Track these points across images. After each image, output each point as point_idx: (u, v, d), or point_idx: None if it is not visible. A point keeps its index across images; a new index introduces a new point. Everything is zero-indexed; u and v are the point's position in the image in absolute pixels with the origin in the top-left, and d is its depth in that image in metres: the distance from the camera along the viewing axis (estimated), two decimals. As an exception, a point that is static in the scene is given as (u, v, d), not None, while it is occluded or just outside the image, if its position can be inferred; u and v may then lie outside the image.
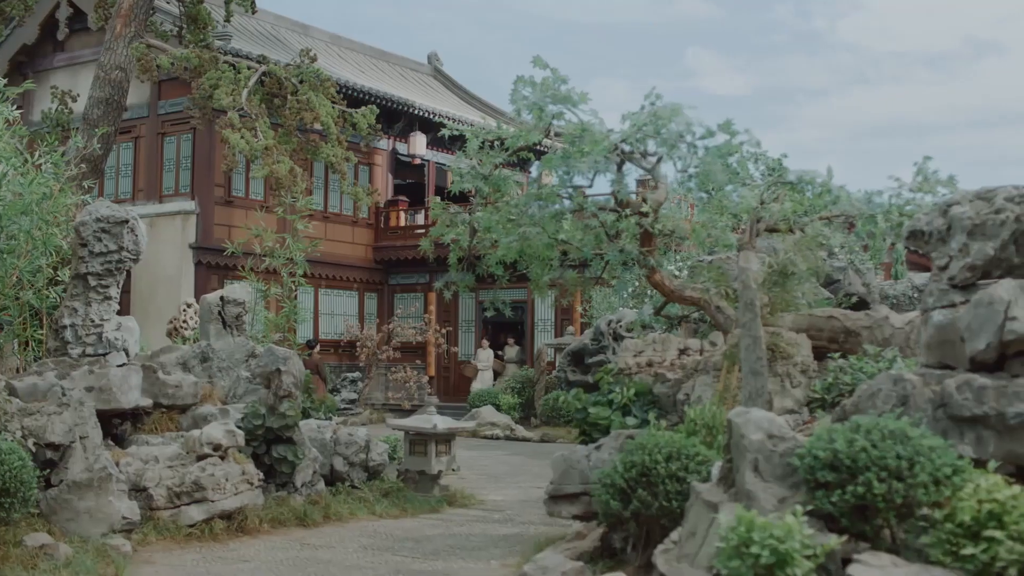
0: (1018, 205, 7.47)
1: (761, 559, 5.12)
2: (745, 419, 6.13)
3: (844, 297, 14.05)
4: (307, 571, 8.15)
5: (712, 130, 9.77)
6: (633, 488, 7.01)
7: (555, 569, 7.01)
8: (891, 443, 5.70)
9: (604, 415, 9.77)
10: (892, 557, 5.50)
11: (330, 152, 17.71)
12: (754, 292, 7.58)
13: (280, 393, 10.38)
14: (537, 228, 9.86)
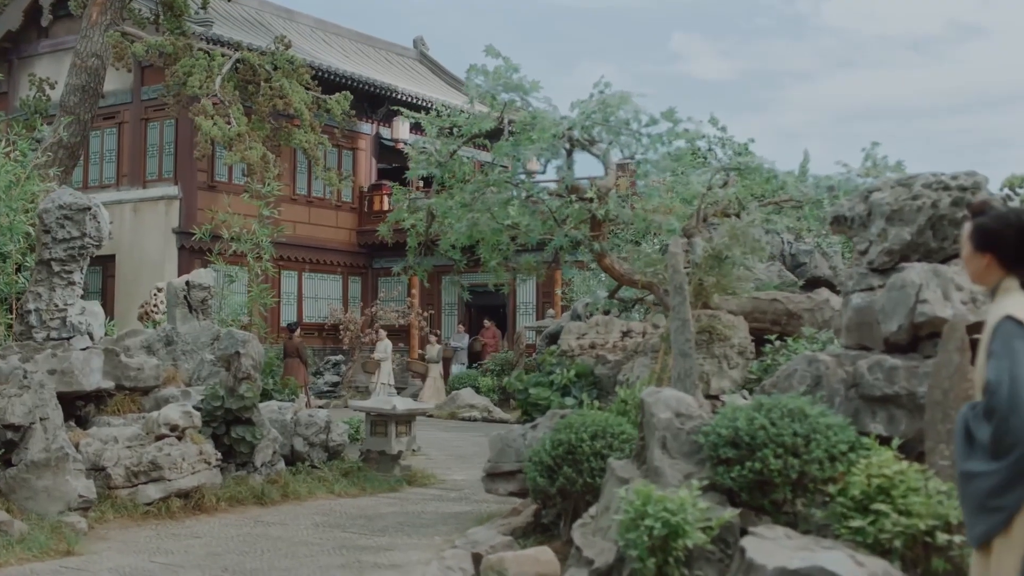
0: (935, 192, 7.72)
1: (654, 531, 5.40)
2: (655, 398, 6.40)
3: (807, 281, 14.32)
4: (256, 547, 8.43)
5: (656, 118, 10.00)
6: (559, 465, 7.29)
7: (484, 543, 7.30)
8: (788, 421, 5.97)
9: (544, 395, 10.06)
10: (786, 530, 5.77)
11: (303, 138, 17.94)
12: (682, 276, 7.83)
13: (239, 375, 10.64)
14: (487, 214, 10.11)
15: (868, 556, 5.46)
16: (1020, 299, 3.50)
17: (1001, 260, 3.56)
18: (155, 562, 7.78)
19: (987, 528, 3.51)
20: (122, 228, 24.81)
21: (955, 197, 7.66)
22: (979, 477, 3.48)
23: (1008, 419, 3.35)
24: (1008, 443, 3.36)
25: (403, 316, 26.26)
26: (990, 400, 3.47)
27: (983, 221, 3.74)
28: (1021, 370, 3.37)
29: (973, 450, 3.51)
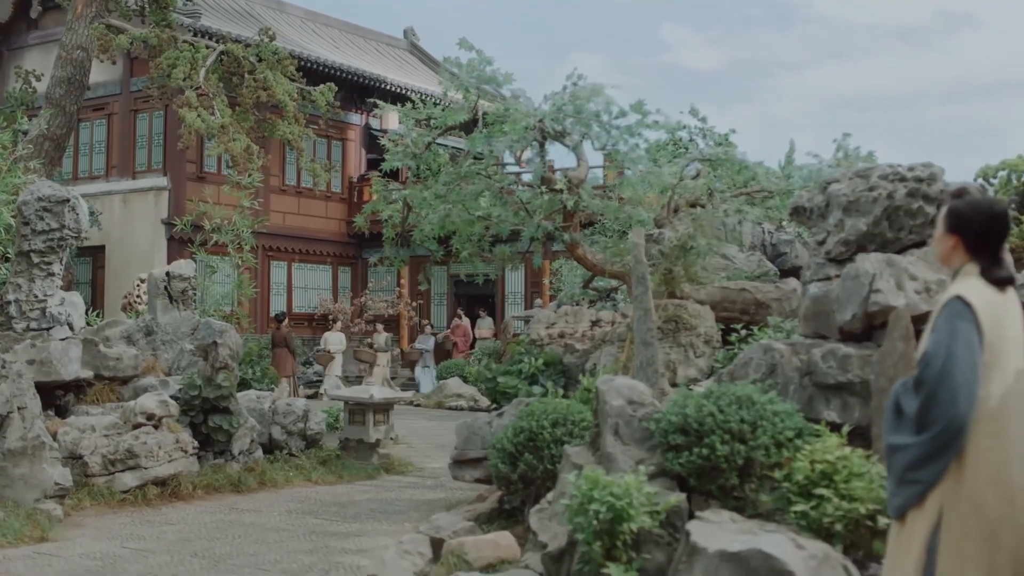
0: (891, 183, 7.85)
1: (600, 515, 5.54)
2: (608, 386, 6.54)
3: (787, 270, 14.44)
4: (227, 533, 8.58)
5: (624, 110, 10.13)
6: (520, 452, 7.43)
7: (447, 528, 7.44)
8: (736, 408, 6.11)
9: (512, 384, 10.21)
10: (732, 514, 5.91)
11: (287, 129, 18.07)
12: (644, 266, 7.96)
13: (216, 365, 10.78)
14: (459, 205, 10.24)
15: (810, 539, 5.60)
16: (975, 284, 3.63)
17: (966, 244, 3.68)
18: (126, 548, 7.92)
19: (903, 501, 3.65)
20: (112, 219, 24.95)
21: (911, 188, 7.79)
22: (902, 450, 3.61)
23: (936, 392, 3.48)
24: (932, 417, 3.49)
25: (392, 306, 26.40)
26: (922, 371, 3.60)
27: (956, 204, 3.88)
28: (958, 348, 3.50)
29: (901, 423, 3.64)
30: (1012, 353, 3.64)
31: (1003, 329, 3.61)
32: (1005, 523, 3.54)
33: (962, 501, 3.53)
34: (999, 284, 3.66)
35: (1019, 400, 3.64)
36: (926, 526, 3.58)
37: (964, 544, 3.52)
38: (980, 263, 3.67)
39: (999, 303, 3.63)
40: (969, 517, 3.53)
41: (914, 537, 3.62)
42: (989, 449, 3.55)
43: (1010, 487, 3.56)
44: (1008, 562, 3.54)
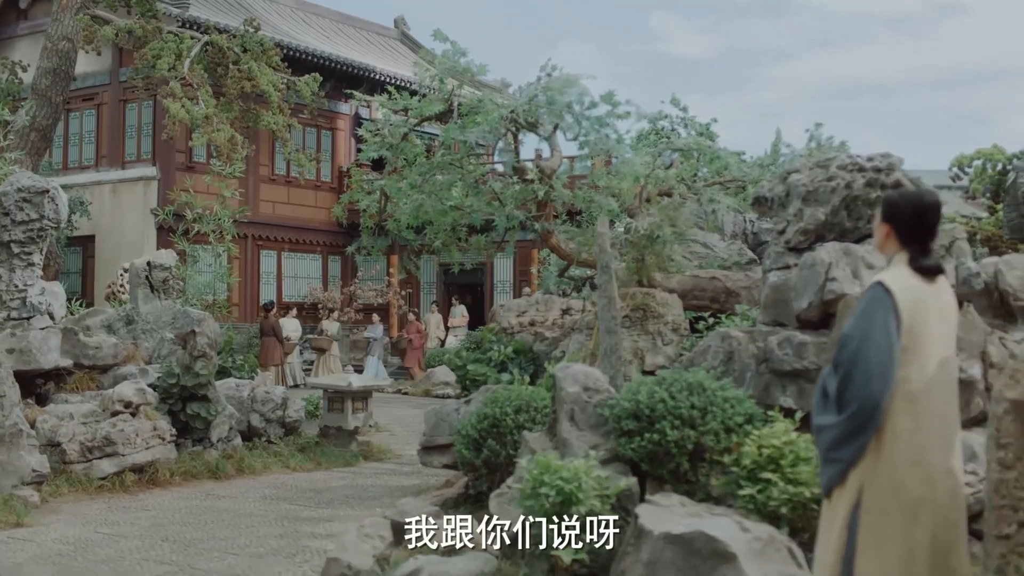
0: (849, 173, 7.97)
1: (550, 498, 5.67)
2: (565, 373, 6.67)
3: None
4: (201, 518, 8.73)
5: (596, 101, 10.25)
6: (484, 438, 7.57)
7: (412, 513, 7.57)
8: (687, 394, 6.24)
9: (482, 372, 10.36)
10: (682, 498, 6.05)
11: (272, 120, 18.17)
12: (608, 255, 8.08)
13: (195, 353, 10.91)
14: (433, 196, 10.37)
15: (756, 522, 5.74)
16: (901, 271, 3.78)
17: (897, 233, 3.83)
18: (100, 533, 8.07)
19: (827, 479, 3.81)
20: (101, 209, 25.04)
21: (869, 178, 7.91)
22: (826, 430, 3.76)
23: (851, 373, 3.62)
24: (848, 397, 3.64)
25: (381, 295, 26.52)
26: (839, 353, 3.75)
27: (890, 195, 4.05)
28: (873, 331, 3.64)
29: (825, 405, 3.79)
30: (935, 340, 3.77)
31: (925, 316, 3.73)
32: (925, 503, 3.68)
33: (882, 480, 3.67)
34: (927, 273, 3.79)
35: (940, 386, 3.78)
36: (848, 503, 3.72)
37: (884, 522, 3.66)
38: (910, 252, 3.81)
39: (924, 291, 3.76)
40: (889, 496, 3.67)
41: (837, 514, 3.77)
42: (908, 431, 3.68)
43: (930, 469, 3.70)
44: (927, 541, 3.68)
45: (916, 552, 3.66)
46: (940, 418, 3.76)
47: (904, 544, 3.65)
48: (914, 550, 3.66)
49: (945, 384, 3.81)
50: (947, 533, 3.72)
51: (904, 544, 3.65)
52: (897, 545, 3.65)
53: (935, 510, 3.71)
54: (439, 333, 25.08)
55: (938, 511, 3.71)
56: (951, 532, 3.74)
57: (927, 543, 3.67)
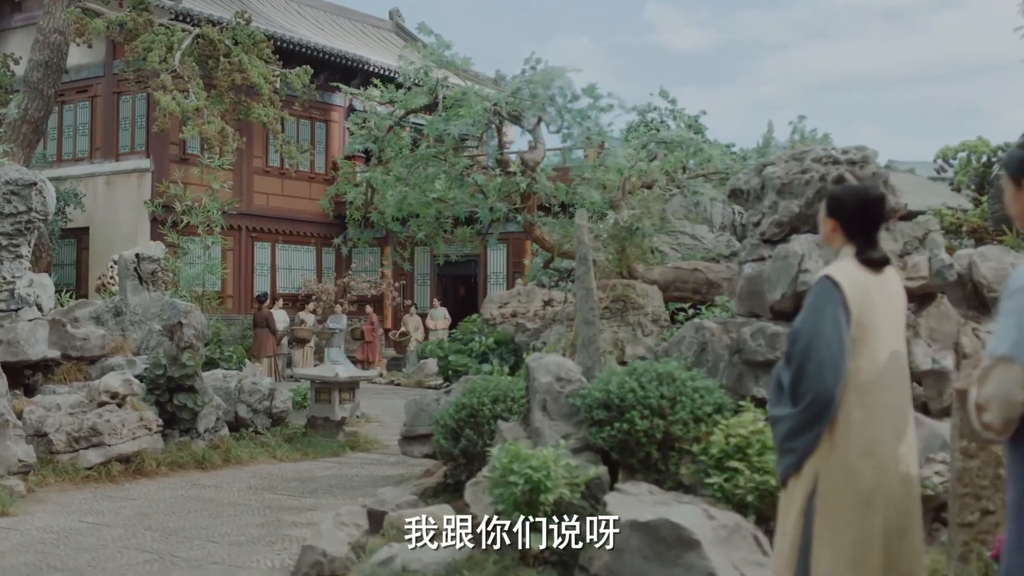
0: (824, 166, 8.05)
1: (518, 487, 5.77)
2: (538, 364, 6.76)
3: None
4: (185, 508, 8.82)
5: (578, 94, 10.32)
6: (462, 428, 7.67)
7: (391, 502, 7.68)
8: (656, 384, 6.33)
9: (463, 362, 10.44)
10: (650, 486, 6.15)
11: (262, 112, 18.24)
12: (586, 247, 8.17)
13: (182, 344, 11.00)
14: (416, 188, 10.45)
15: (723, 510, 5.84)
16: (848, 265, 3.86)
17: (843, 227, 3.92)
18: (84, 522, 8.16)
19: (784, 469, 3.89)
20: (96, 201, 25.12)
21: (843, 171, 8.00)
22: (781, 421, 3.84)
23: (804, 367, 3.71)
24: (802, 390, 3.73)
25: (375, 287, 26.60)
26: (791, 347, 3.84)
27: (834, 190, 4.15)
28: (823, 325, 3.73)
29: (781, 396, 3.87)
30: (883, 330, 3.85)
31: (874, 307, 3.82)
32: (878, 491, 3.76)
33: (836, 469, 3.75)
34: (873, 265, 3.88)
35: (891, 375, 3.86)
36: (803, 492, 3.80)
37: (838, 510, 3.74)
38: (856, 245, 3.89)
39: (871, 283, 3.84)
40: (843, 485, 3.75)
41: (793, 503, 3.85)
42: (860, 420, 3.76)
43: (882, 458, 3.78)
44: (880, 528, 3.76)
45: (870, 539, 3.73)
46: (892, 407, 3.83)
47: (858, 531, 3.72)
48: (868, 537, 3.73)
49: (896, 373, 3.89)
50: (901, 520, 3.79)
51: (858, 531, 3.72)
52: (851, 532, 3.72)
53: (888, 498, 3.77)
54: (418, 335, 24.87)
55: (891, 499, 3.78)
56: (904, 519, 3.81)
57: (881, 530, 3.74)
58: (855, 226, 3.84)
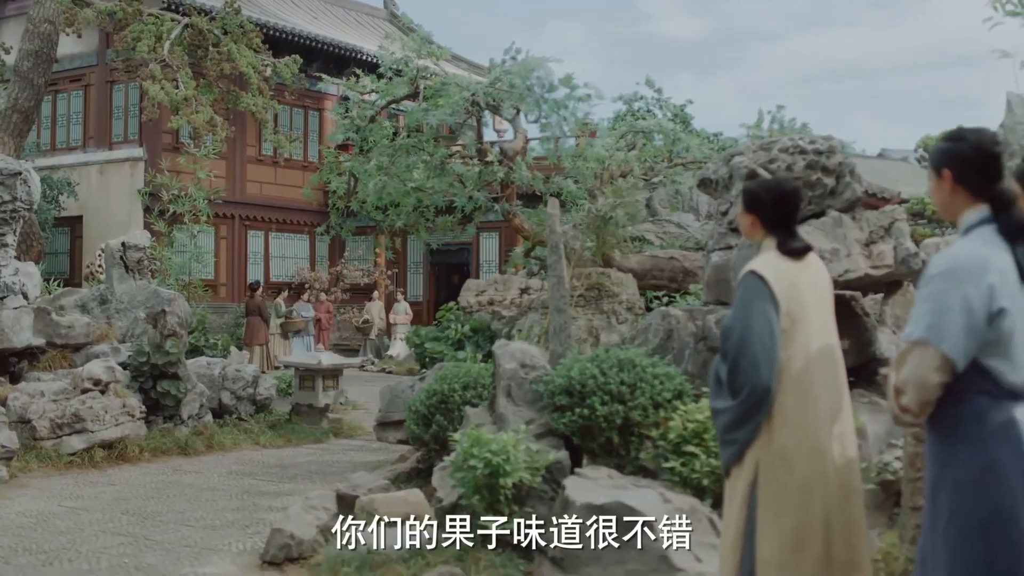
0: (791, 156, 8.15)
1: (478, 471, 5.90)
2: (503, 350, 6.89)
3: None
4: (164, 492, 8.96)
5: (555, 84, 10.42)
6: (433, 414, 7.81)
7: (364, 486, 7.81)
8: (617, 371, 6.46)
9: (439, 349, 10.57)
10: (610, 471, 6.28)
11: (251, 101, 18.33)
12: (558, 236, 8.30)
13: (165, 332, 11.12)
14: (396, 178, 10.56)
15: (680, 494, 5.97)
16: (770, 257, 3.98)
17: (762, 221, 4.04)
18: (63, 506, 8.30)
19: (726, 459, 4.02)
20: (89, 189, 25.23)
21: (810, 161, 8.09)
22: (721, 413, 3.96)
23: (738, 361, 3.83)
24: (739, 384, 3.84)
25: (368, 275, 26.71)
26: (724, 343, 3.96)
27: (749, 185, 4.24)
28: (752, 319, 3.84)
29: (720, 390, 3.99)
30: (812, 317, 3.97)
31: (800, 295, 3.93)
32: (815, 476, 3.87)
33: (775, 457, 3.86)
34: (795, 254, 4.00)
35: (823, 360, 3.97)
36: (746, 481, 3.91)
37: (779, 496, 3.85)
38: (776, 237, 4.01)
39: (796, 272, 3.96)
40: (782, 472, 3.86)
41: (736, 491, 3.97)
42: (795, 408, 3.87)
43: (819, 443, 3.89)
44: (820, 512, 3.86)
45: (811, 523, 3.82)
46: (826, 392, 3.93)
47: (799, 516, 3.81)
48: (809, 521, 3.81)
49: (828, 358, 3.99)
50: (842, 504, 3.88)
51: (799, 516, 3.81)
52: (792, 517, 3.81)
53: (826, 483, 3.87)
54: (380, 324, 24.83)
55: (829, 483, 3.87)
56: (846, 502, 3.90)
57: (821, 514, 3.83)
58: (774, 219, 3.96)
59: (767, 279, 3.86)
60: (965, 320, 3.19)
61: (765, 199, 3.99)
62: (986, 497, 3.22)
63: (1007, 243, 3.36)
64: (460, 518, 6.13)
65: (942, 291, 3.24)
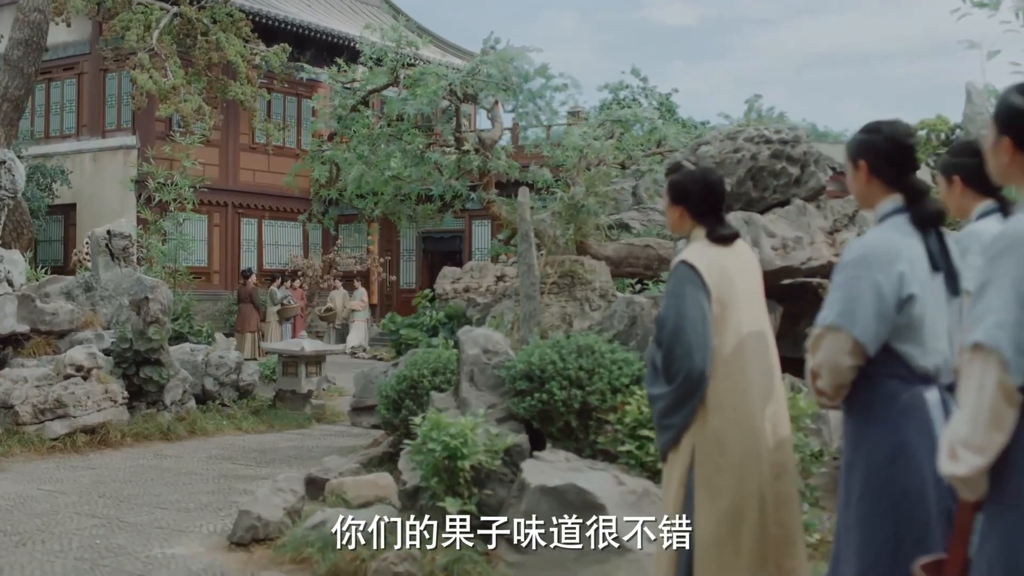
0: (756, 145, 8.29)
1: (436, 453, 6.04)
2: (467, 336, 7.03)
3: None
4: (142, 476, 9.12)
5: (530, 74, 10.54)
6: (403, 399, 7.95)
7: (335, 470, 7.98)
8: (576, 356, 6.59)
9: (414, 336, 10.71)
10: (568, 454, 6.41)
11: (239, 90, 18.43)
12: (528, 224, 8.42)
13: (148, 319, 11.26)
14: (375, 167, 10.68)
15: (634, 477, 6.11)
16: (700, 247, 4.11)
17: (690, 212, 4.16)
18: (41, 489, 8.45)
19: (663, 444, 4.14)
20: (82, 177, 25.36)
21: (775, 150, 8.24)
22: (658, 399, 4.09)
23: (673, 349, 3.95)
24: (673, 370, 3.97)
25: (360, 262, 26.85)
26: (659, 332, 4.08)
27: (674, 178, 4.35)
28: (685, 307, 3.97)
29: (656, 377, 4.12)
30: (742, 302, 4.09)
31: (731, 282, 4.06)
32: (749, 457, 3.99)
33: (710, 440, 3.98)
34: (724, 240, 4.12)
35: (754, 344, 4.10)
36: (682, 465, 4.03)
37: (714, 478, 3.98)
38: (705, 226, 4.13)
39: (725, 259, 4.09)
40: (716, 454, 3.98)
41: (674, 474, 4.09)
42: (728, 391, 4.00)
43: (752, 422, 4.02)
44: (755, 492, 3.99)
45: (746, 502, 3.93)
46: (758, 375, 4.05)
47: (733, 496, 3.93)
48: (744, 501, 3.93)
49: (759, 342, 4.11)
50: (776, 484, 4.00)
51: (733, 496, 3.93)
52: (727, 498, 3.93)
53: (760, 462, 3.99)
54: (344, 312, 24.92)
55: (763, 463, 3.99)
56: (777, 481, 4.01)
57: (756, 494, 3.94)
58: (702, 208, 4.07)
59: (698, 268, 3.98)
60: (875, 306, 3.31)
61: (692, 189, 4.11)
62: (896, 476, 3.33)
63: (919, 232, 3.48)
64: (423, 500, 6.29)
65: (853, 278, 3.36)
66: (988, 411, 2.56)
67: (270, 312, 22.42)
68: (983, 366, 2.57)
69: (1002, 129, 2.73)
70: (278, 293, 22.76)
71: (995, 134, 2.75)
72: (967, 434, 2.60)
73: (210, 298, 24.99)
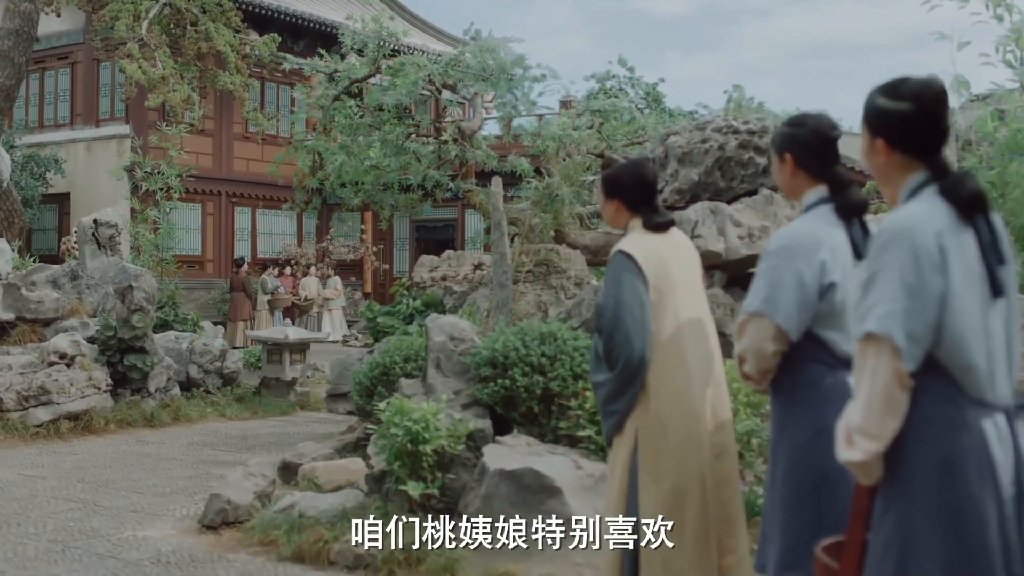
0: (724, 135, 8.41)
1: (398, 438, 6.18)
2: (434, 324, 7.16)
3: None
4: (123, 462, 9.26)
5: (508, 64, 10.64)
6: (375, 386, 8.08)
7: (308, 455, 8.12)
8: (538, 343, 6.73)
9: (390, 324, 10.85)
10: (529, 439, 6.55)
11: (228, 80, 18.52)
12: (500, 213, 8.55)
13: (132, 307, 11.40)
14: (355, 157, 10.81)
15: (594, 461, 6.24)
16: (637, 236, 4.23)
17: (626, 204, 4.28)
18: (22, 475, 8.59)
19: (608, 429, 4.27)
20: (76, 167, 25.46)
21: (742, 140, 8.35)
22: (601, 386, 4.21)
23: (613, 336, 4.08)
24: (614, 357, 4.09)
25: (353, 251, 26.96)
26: (599, 320, 4.21)
27: (607, 173, 4.48)
28: (624, 295, 4.09)
29: (599, 364, 4.24)
30: (679, 288, 4.21)
31: (668, 269, 4.18)
32: (691, 439, 4.12)
33: (651, 424, 4.11)
34: (660, 228, 4.25)
35: (693, 328, 4.22)
36: (626, 449, 4.16)
37: (657, 461, 4.11)
38: (641, 216, 4.25)
39: (662, 247, 4.21)
40: (659, 437, 4.11)
41: (618, 458, 4.22)
42: (668, 376, 4.13)
43: (692, 406, 4.14)
44: (695, 472, 4.12)
45: (688, 484, 4.06)
46: (697, 358, 4.16)
47: (675, 478, 4.05)
48: (686, 483, 4.05)
49: (697, 327, 4.23)
50: (714, 463, 4.11)
51: (675, 478, 4.05)
52: (669, 480, 4.05)
53: (701, 444, 4.11)
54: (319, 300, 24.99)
55: (703, 445, 4.12)
56: (717, 461, 4.13)
57: (697, 476, 4.07)
58: (636, 199, 4.19)
59: (635, 256, 4.10)
60: (797, 294, 3.42)
61: (626, 181, 4.22)
62: (818, 458, 3.45)
63: (842, 221, 3.59)
64: (388, 484, 6.43)
65: (777, 266, 3.48)
66: (882, 398, 2.68)
67: (261, 301, 22.53)
68: (876, 354, 2.68)
69: (874, 132, 2.84)
70: (269, 282, 22.86)
71: (867, 138, 2.86)
72: (862, 421, 2.72)
73: (203, 287, 25.13)
